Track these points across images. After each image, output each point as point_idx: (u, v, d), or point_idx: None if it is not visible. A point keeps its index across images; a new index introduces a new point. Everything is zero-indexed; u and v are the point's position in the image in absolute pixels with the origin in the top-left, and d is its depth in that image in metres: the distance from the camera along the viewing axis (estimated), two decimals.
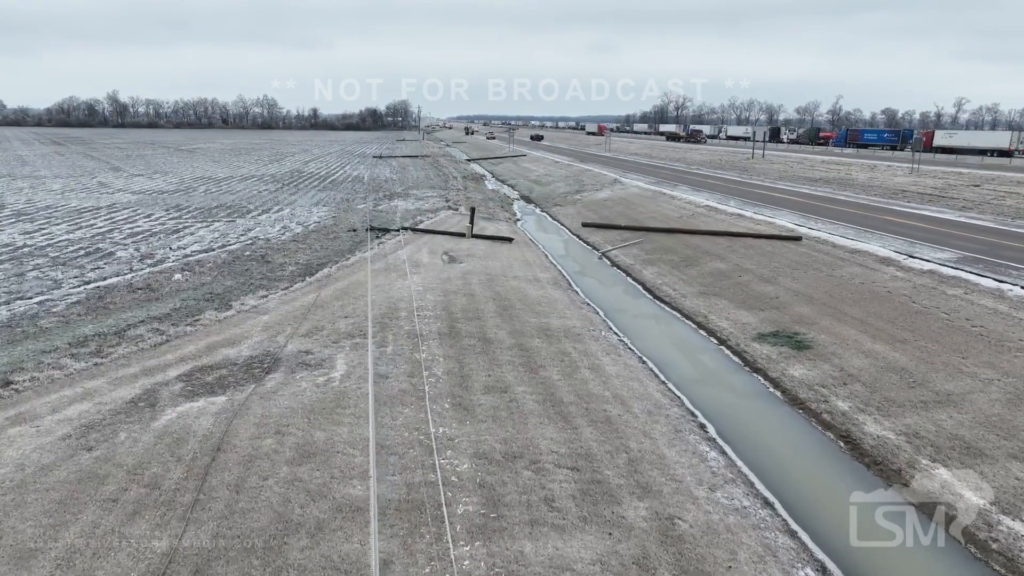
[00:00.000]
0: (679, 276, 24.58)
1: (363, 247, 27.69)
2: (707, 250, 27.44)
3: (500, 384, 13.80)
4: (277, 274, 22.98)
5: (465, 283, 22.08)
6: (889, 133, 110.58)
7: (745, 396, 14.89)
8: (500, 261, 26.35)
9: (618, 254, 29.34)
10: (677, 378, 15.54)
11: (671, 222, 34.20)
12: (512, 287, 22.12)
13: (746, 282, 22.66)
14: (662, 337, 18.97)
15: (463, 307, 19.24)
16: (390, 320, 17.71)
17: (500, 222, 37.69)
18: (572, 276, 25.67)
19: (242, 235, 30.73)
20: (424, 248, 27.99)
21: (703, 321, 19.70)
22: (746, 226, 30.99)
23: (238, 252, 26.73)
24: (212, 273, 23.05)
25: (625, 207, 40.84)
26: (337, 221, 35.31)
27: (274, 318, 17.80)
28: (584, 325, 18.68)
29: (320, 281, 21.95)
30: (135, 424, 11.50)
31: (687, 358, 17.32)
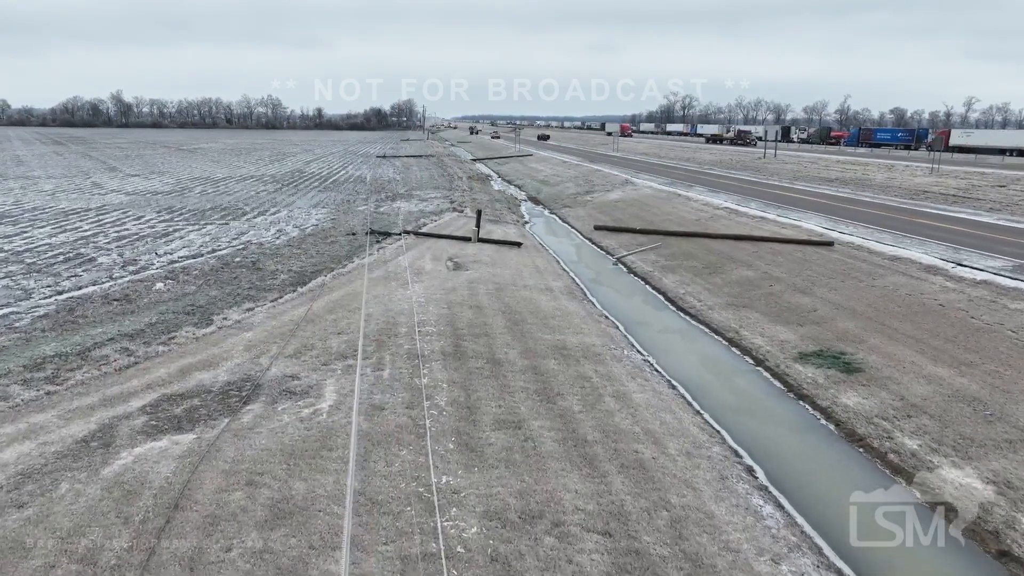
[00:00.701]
0: (703, 285, 22.67)
1: (362, 252, 25.88)
2: (731, 256, 25.52)
3: (513, 417, 11.94)
4: (267, 283, 21.18)
5: (471, 293, 20.24)
6: (903, 132, 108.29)
7: (793, 429, 13.00)
8: (509, 268, 24.49)
9: (634, 260, 27.44)
10: (713, 407, 13.65)
11: (689, 225, 32.27)
12: (523, 298, 20.27)
13: (778, 292, 20.74)
14: (691, 356, 17.07)
15: (469, 321, 17.39)
16: (388, 337, 15.88)
17: (508, 225, 35.84)
18: (587, 285, 23.78)
19: (234, 239, 28.96)
20: (427, 254, 26.16)
21: (735, 337, 17.80)
22: (771, 230, 29.05)
23: (228, 258, 24.95)
24: (197, 282, 21.26)
25: (639, 209, 38.92)
26: (336, 224, 33.52)
27: (259, 335, 15.98)
28: (604, 342, 16.80)
29: (313, 291, 20.13)
30: (82, 471, 9.69)
31: (721, 382, 15.41)
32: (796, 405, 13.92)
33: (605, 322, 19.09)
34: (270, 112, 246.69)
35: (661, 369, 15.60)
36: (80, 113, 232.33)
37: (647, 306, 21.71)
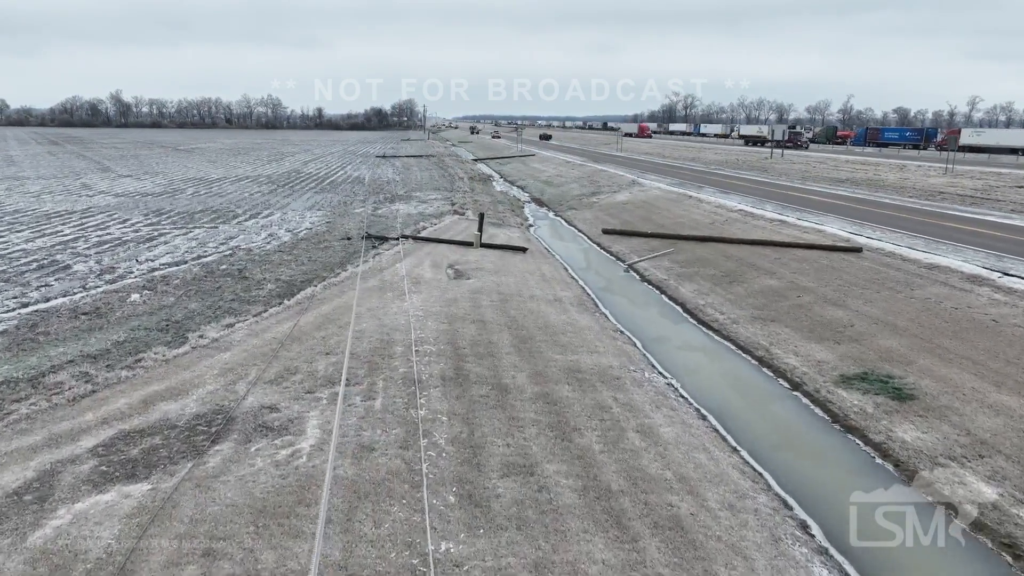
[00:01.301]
0: (724, 295, 20.99)
1: (357, 259, 24.21)
2: (752, 263, 23.83)
3: (523, 459, 10.27)
4: (252, 294, 19.51)
5: (474, 305, 18.57)
6: (911, 132, 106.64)
7: (846, 470, 11.31)
8: (514, 276, 22.82)
9: (647, 266, 25.75)
10: (751, 443, 11.97)
11: (703, 229, 30.59)
12: (530, 310, 18.59)
13: (808, 304, 19.05)
14: (718, 379, 15.38)
15: (472, 339, 15.72)
16: (382, 359, 14.21)
17: (511, 228, 34.17)
18: (598, 294, 22.10)
19: (222, 244, 27.31)
20: (426, 260, 24.49)
21: (765, 356, 16.11)
22: (792, 234, 27.35)
23: (213, 265, 23.29)
24: (177, 293, 19.61)
25: (648, 211, 37.23)
26: (331, 227, 31.87)
27: (237, 356, 14.31)
28: (622, 363, 15.12)
29: (301, 304, 18.46)
30: (5, 537, 8.03)
31: (756, 410, 13.72)
32: (844, 439, 12.22)
33: (621, 338, 17.41)
34: (270, 112, 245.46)
35: (687, 395, 13.92)
36: (79, 113, 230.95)
37: (665, 319, 20.02)
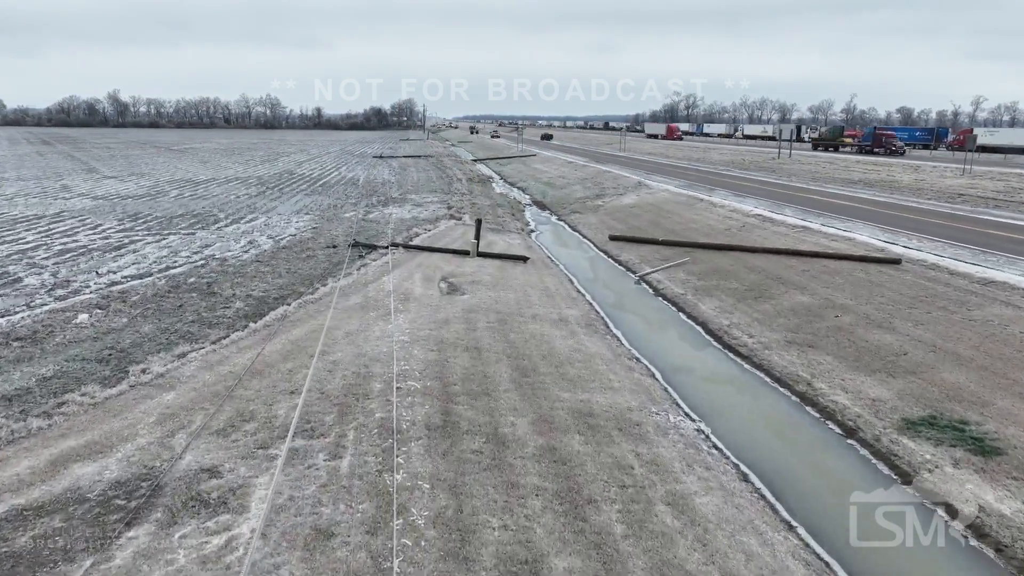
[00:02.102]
0: (750, 314, 18.65)
1: (341, 270, 21.90)
2: (778, 275, 21.49)
3: (525, 550, 7.95)
4: (217, 314, 17.19)
5: (469, 328, 16.24)
6: (921, 131, 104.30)
7: (937, 559, 8.95)
8: (514, 291, 20.49)
9: (661, 279, 23.41)
10: (808, 516, 9.62)
11: (719, 236, 28.25)
12: (532, 334, 16.26)
13: (849, 326, 16.70)
14: (756, 422, 13.03)
15: (464, 372, 13.39)
16: (355, 400, 11.89)
17: (511, 234, 31.85)
18: (607, 312, 19.76)
19: (196, 253, 25.00)
20: (417, 272, 22.16)
21: (808, 392, 13.77)
22: (819, 242, 25.01)
23: (181, 278, 20.98)
24: (133, 312, 17.29)
25: (657, 215, 34.88)
26: (317, 233, 29.57)
27: (184, 397, 11.98)
28: (641, 402, 12.78)
29: (270, 327, 16.12)
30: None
31: (807, 466, 11.36)
32: (925, 512, 9.86)
33: (637, 368, 15.06)
34: (269, 112, 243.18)
35: (722, 446, 11.58)
36: (76, 113, 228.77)
37: (685, 343, 17.66)
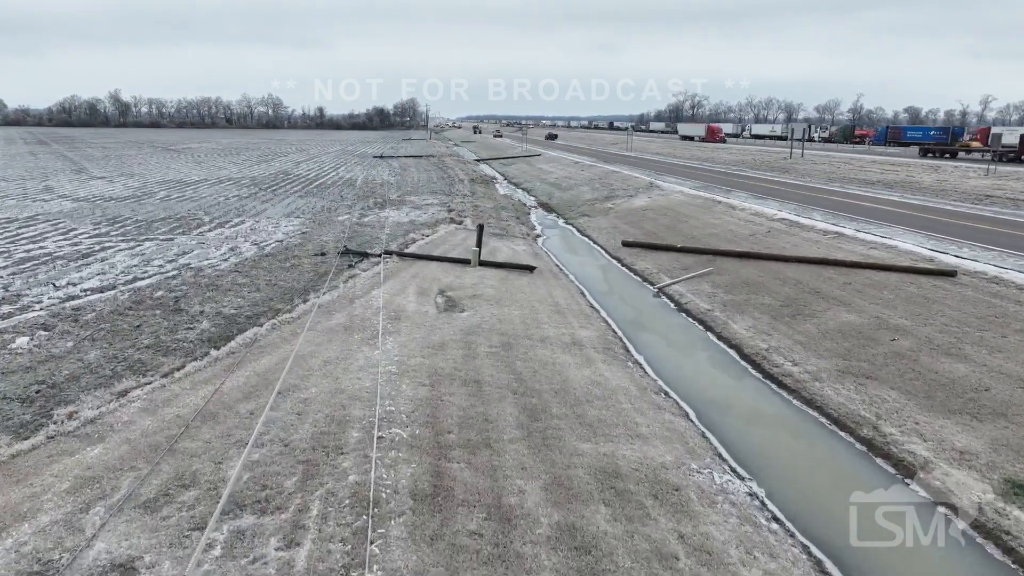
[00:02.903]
0: (791, 335, 16.28)
1: (327, 282, 19.61)
2: (816, 288, 19.12)
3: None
4: (177, 337, 14.90)
5: (468, 354, 13.92)
6: (936, 130, 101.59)
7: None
8: (519, 306, 18.17)
9: (683, 291, 21.05)
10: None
11: (743, 242, 25.88)
12: (542, 361, 13.93)
13: (910, 352, 14.33)
14: (819, 482, 10.65)
15: (462, 415, 11.08)
16: (326, 454, 9.58)
17: (516, 239, 29.52)
18: (626, 332, 17.39)
19: (170, 262, 22.74)
20: (412, 285, 19.85)
21: (875, 438, 11.40)
22: (856, 251, 22.61)
23: (147, 292, 18.71)
24: (82, 333, 15.02)
25: (673, 219, 32.50)
26: (306, 239, 27.29)
27: (113, 452, 9.69)
28: (678, 456, 10.44)
29: (235, 353, 13.81)
30: None
31: (897, 555, 8.96)
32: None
33: (668, 405, 12.72)
34: (271, 112, 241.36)
35: (784, 517, 9.23)
36: (77, 113, 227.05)
37: (719, 371, 15.28)
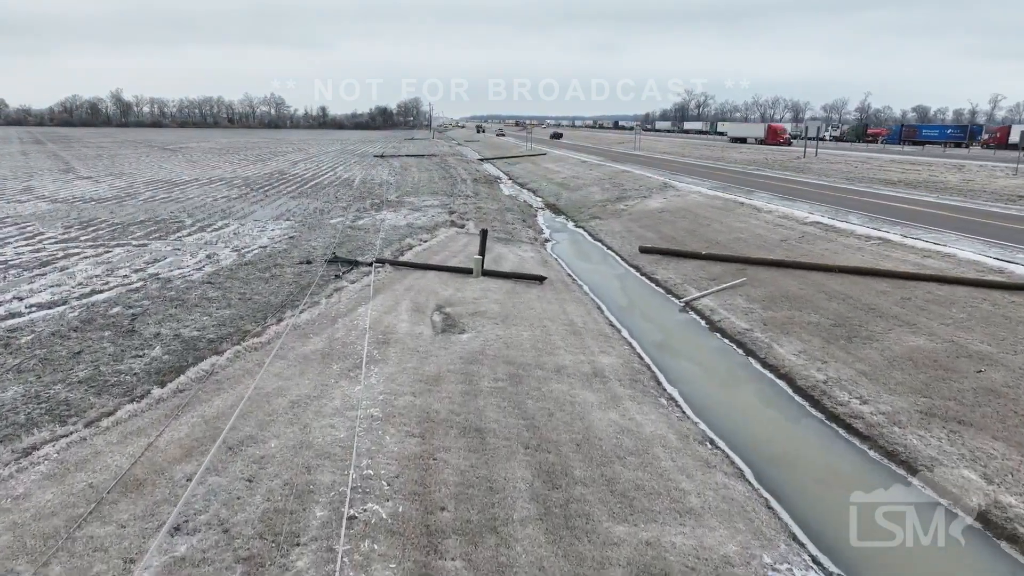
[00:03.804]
0: (851, 363, 13.72)
1: (311, 295, 17.12)
2: (870, 305, 16.55)
3: None
4: (121, 367, 12.44)
5: (468, 390, 11.42)
6: (953, 129, 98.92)
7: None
8: (529, 325, 15.66)
9: (714, 306, 18.52)
10: None
11: (775, 249, 23.33)
12: (558, 400, 11.43)
13: (1006, 388, 11.77)
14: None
15: (460, 481, 8.59)
16: (277, 548, 7.09)
17: (522, 245, 27.02)
18: (655, 358, 14.85)
19: (138, 271, 20.33)
20: (405, 299, 17.36)
21: (997, 518, 8.86)
22: (905, 259, 20.04)
23: (101, 308, 16.28)
24: (10, 362, 12.58)
25: (693, 222, 29.94)
26: (293, 245, 24.85)
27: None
28: (743, 543, 7.92)
29: (185, 391, 11.31)
30: None
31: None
32: None
33: (717, 460, 10.18)
34: (273, 111, 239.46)
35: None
36: (79, 112, 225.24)
37: (771, 411, 12.71)
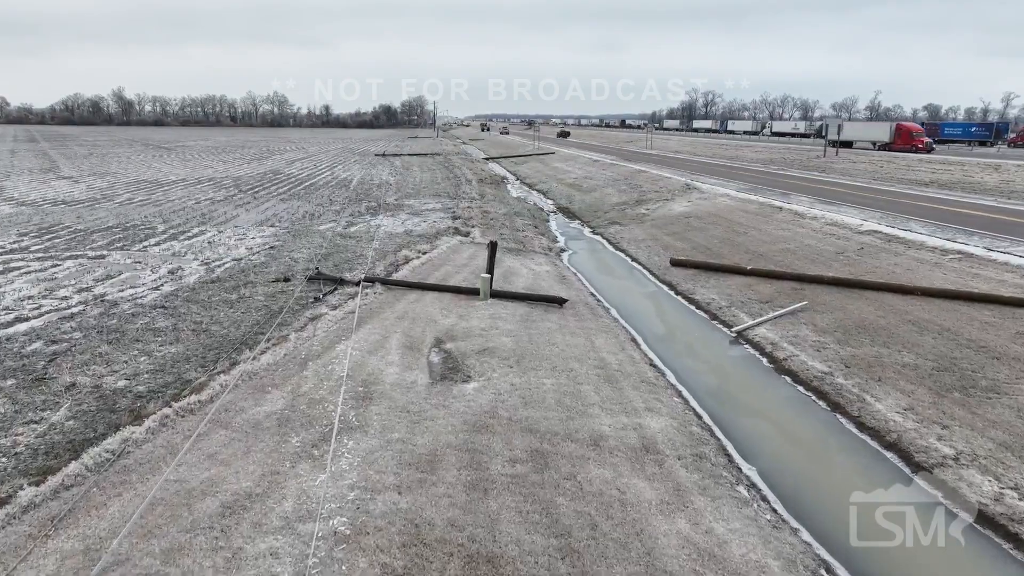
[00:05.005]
0: (982, 429, 10.32)
1: (278, 327, 13.79)
2: (976, 340, 13.12)
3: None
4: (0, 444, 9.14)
5: (474, 480, 8.06)
6: (978, 127, 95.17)
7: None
8: (551, 368, 12.29)
9: (775, 339, 15.11)
10: None
11: (833, 263, 19.91)
12: (599, 497, 8.06)
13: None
14: None
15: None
16: None
17: (535, 256, 23.65)
18: (718, 418, 11.44)
19: (83, 290, 17.06)
20: (396, 332, 14.00)
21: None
22: (1004, 279, 16.58)
23: (17, 344, 13.04)
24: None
25: (727, 230, 26.49)
26: (273, 257, 21.57)
27: None
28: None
29: (71, 489, 7.96)
30: None
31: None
32: None
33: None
34: (276, 110, 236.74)
35: None
36: (80, 111, 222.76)
37: (893, 505, 9.27)
